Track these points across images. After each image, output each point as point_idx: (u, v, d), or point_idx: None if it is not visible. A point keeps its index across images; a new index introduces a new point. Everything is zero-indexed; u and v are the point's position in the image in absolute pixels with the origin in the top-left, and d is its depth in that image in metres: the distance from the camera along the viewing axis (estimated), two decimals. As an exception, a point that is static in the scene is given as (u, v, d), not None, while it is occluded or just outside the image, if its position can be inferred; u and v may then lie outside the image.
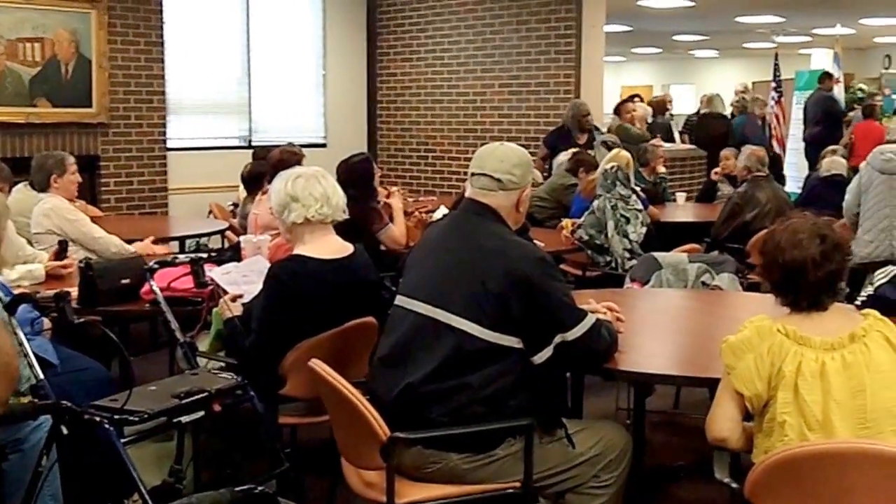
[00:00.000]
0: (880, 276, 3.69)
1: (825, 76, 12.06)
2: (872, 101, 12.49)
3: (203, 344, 3.63)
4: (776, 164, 9.56)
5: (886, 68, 17.18)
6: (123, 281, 3.92)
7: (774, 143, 12.08)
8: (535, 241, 3.41)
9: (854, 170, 10.23)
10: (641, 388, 3.89)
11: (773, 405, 2.44)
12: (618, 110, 9.49)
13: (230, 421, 3.08)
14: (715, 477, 2.44)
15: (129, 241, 5.14)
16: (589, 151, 7.40)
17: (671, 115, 12.40)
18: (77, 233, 5.00)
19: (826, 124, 11.34)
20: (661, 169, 7.93)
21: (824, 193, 6.96)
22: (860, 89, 13.30)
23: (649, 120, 10.75)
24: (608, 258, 5.60)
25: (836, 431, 2.36)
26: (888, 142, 7.57)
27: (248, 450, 3.25)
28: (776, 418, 2.43)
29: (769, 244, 2.55)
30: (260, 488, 1.70)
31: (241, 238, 4.43)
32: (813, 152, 10.35)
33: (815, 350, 2.42)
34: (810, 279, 2.47)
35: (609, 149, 6.81)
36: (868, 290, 3.68)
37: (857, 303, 3.55)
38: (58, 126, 7.94)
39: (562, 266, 5.96)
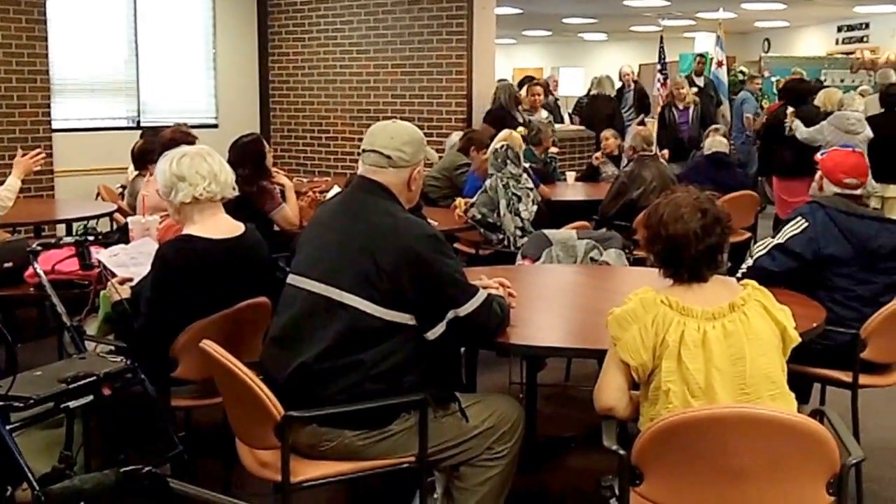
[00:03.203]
0: (759, 249, 3.84)
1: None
2: (753, 82, 12.90)
3: (91, 328, 3.55)
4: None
5: (766, 51, 17.73)
6: (6, 265, 3.81)
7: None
8: (428, 220, 3.44)
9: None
10: (533, 361, 3.97)
11: (657, 374, 2.52)
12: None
13: (121, 405, 3.01)
14: (604, 445, 2.50)
15: (13, 227, 4.97)
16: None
17: (556, 97, 12.58)
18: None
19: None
20: (553, 149, 8.05)
21: (707, 170, 7.18)
22: (741, 71, 13.68)
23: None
24: (501, 236, 5.67)
25: (718, 397, 2.45)
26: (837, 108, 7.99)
27: (140, 434, 3.20)
28: (661, 387, 2.51)
29: (653, 218, 2.63)
30: (147, 468, 1.68)
31: (129, 219, 4.32)
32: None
33: (697, 320, 2.50)
34: (692, 252, 2.55)
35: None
36: (748, 262, 3.83)
37: (738, 275, 3.69)
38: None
39: (455, 244, 6.01)
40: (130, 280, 3.50)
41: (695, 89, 10.80)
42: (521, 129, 7.14)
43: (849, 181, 3.84)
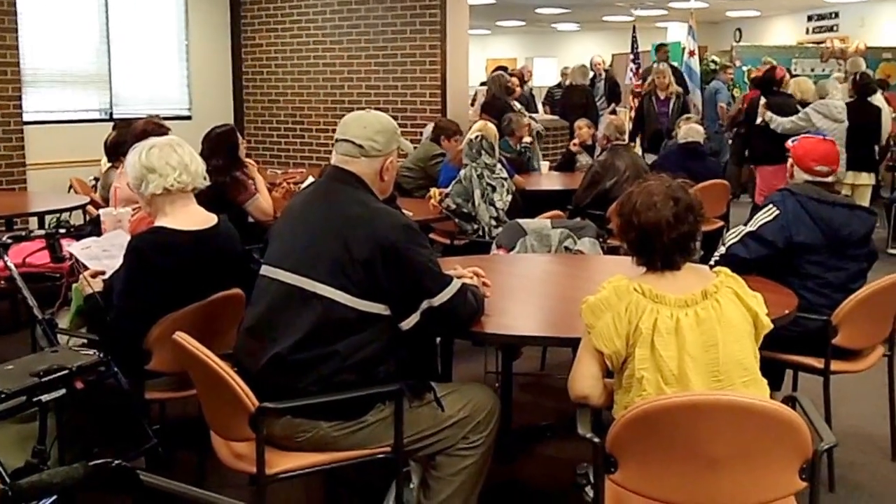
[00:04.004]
0: (732, 237, 3.86)
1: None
2: (726, 71, 12.97)
3: (64, 321, 3.53)
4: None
5: (737, 41, 17.82)
6: (-25, 258, 3.76)
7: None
8: (403, 211, 3.44)
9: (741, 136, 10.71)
10: (509, 351, 3.98)
11: (631, 362, 2.53)
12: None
13: (94, 398, 3.00)
14: (578, 433, 2.51)
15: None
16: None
17: (531, 87, 12.60)
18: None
19: None
20: (527, 139, 8.06)
21: (680, 159, 7.21)
22: (713, 61, 13.75)
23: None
24: (475, 226, 5.67)
25: (691, 384, 2.46)
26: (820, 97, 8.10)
27: (114, 427, 3.18)
28: (635, 374, 2.52)
29: (626, 206, 2.64)
30: (116, 462, 1.66)
31: (101, 211, 4.30)
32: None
33: (670, 307, 2.51)
34: (664, 240, 2.56)
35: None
36: (721, 250, 3.86)
37: (711, 263, 3.71)
38: None
39: (430, 235, 6.01)
40: (103, 273, 3.48)
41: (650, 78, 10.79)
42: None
43: (819, 168, 3.87)
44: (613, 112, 11.83)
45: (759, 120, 8.33)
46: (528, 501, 3.80)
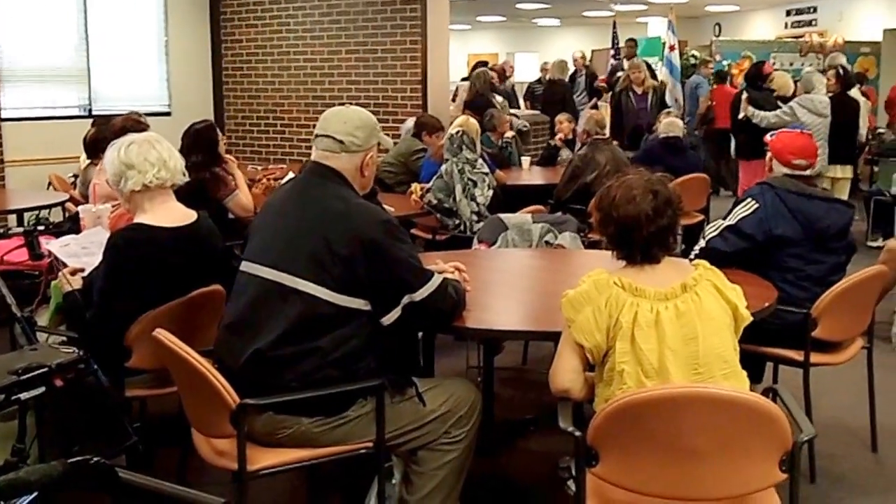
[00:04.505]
0: (711, 230, 3.88)
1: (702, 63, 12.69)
2: (706, 66, 13.02)
3: (43, 318, 3.51)
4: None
5: (717, 36, 17.90)
6: (-47, 256, 3.74)
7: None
8: (384, 206, 3.43)
9: (714, 132, 10.73)
10: (490, 345, 3.98)
11: (612, 355, 2.54)
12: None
13: (74, 396, 2.98)
14: (560, 427, 2.52)
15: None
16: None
17: (513, 83, 12.59)
18: None
19: None
20: (508, 133, 8.07)
21: (661, 154, 7.23)
22: (693, 55, 13.79)
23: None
24: (457, 221, 5.67)
25: (672, 377, 2.47)
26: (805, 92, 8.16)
27: (94, 425, 3.17)
28: (615, 367, 2.52)
29: (605, 200, 2.64)
30: (95, 459, 1.65)
31: (80, 208, 4.27)
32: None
33: (650, 300, 2.52)
34: (644, 233, 2.57)
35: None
36: (701, 244, 3.87)
37: (691, 256, 3.73)
38: None
39: (412, 230, 6.02)
40: (82, 271, 3.46)
41: (621, 73, 10.76)
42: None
43: (797, 162, 3.89)
44: (595, 107, 11.83)
45: (741, 115, 8.36)
46: (510, 495, 3.81)
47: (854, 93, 9.04)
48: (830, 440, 4.15)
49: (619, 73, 11.00)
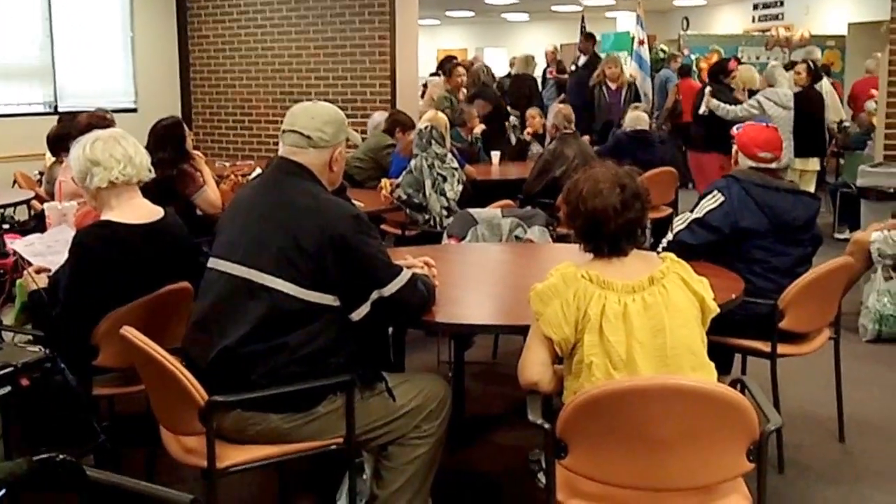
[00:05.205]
0: (679, 223, 3.90)
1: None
2: (675, 60, 13.09)
3: (8, 317, 3.47)
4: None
5: (685, 30, 18.00)
6: (-84, 255, 3.69)
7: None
8: (353, 201, 3.42)
9: (681, 125, 10.78)
10: (461, 340, 3.99)
11: (580, 348, 2.55)
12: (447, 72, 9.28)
13: (40, 395, 2.96)
14: (529, 420, 2.53)
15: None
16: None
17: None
18: None
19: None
20: (478, 129, 8.06)
21: (628, 146, 7.26)
22: (662, 50, 13.85)
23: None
24: (427, 216, 5.67)
25: (640, 369, 2.48)
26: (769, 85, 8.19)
27: (61, 424, 3.14)
28: (584, 360, 2.53)
29: (572, 193, 2.65)
30: (62, 456, 1.64)
31: (46, 205, 4.23)
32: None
33: (618, 293, 2.53)
34: (611, 226, 2.58)
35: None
36: (668, 237, 3.89)
37: (659, 249, 3.74)
38: None
39: (381, 226, 6.01)
40: (48, 270, 3.43)
41: (573, 67, 10.76)
42: None
43: (763, 155, 3.92)
44: (564, 101, 11.82)
45: (702, 109, 8.41)
46: (481, 489, 3.81)
47: (825, 85, 9.13)
48: (798, 430, 4.19)
49: (573, 68, 11.01)
